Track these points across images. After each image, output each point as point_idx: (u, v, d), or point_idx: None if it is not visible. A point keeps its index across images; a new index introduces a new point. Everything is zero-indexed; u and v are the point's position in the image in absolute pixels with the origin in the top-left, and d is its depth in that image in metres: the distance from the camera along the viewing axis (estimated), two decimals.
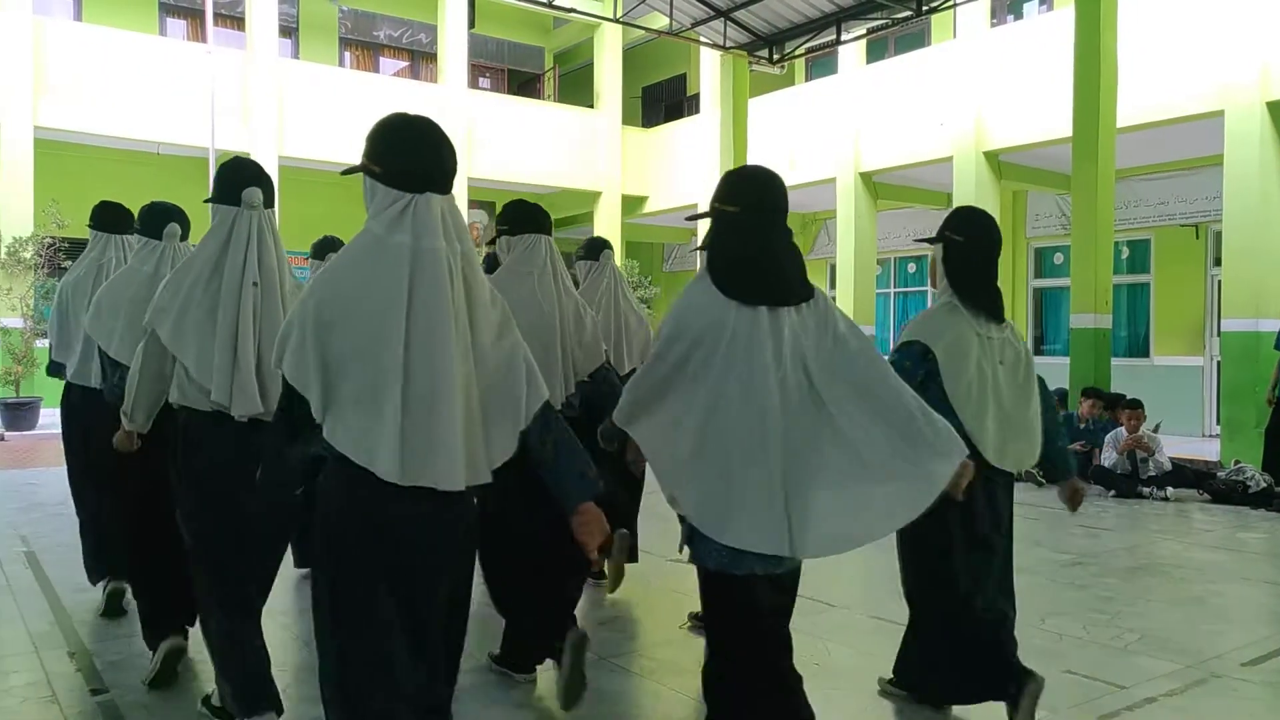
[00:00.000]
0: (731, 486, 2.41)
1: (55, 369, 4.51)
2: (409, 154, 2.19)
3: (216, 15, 15.16)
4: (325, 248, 5.32)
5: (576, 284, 4.76)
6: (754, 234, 2.55)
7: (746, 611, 2.51)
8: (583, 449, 2.35)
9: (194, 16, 16.54)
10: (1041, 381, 3.36)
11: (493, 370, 2.19)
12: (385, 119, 2.27)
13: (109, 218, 4.48)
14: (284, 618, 4.46)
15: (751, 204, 2.58)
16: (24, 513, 7.00)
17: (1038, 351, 15.03)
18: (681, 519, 2.53)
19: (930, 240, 3.38)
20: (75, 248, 12.88)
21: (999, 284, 3.32)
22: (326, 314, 2.06)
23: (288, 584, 5.17)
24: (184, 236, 3.75)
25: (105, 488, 4.11)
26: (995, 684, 3.19)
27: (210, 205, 3.07)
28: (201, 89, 14.36)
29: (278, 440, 2.25)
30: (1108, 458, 8.35)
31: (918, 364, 3.15)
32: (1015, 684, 3.11)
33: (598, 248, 4.97)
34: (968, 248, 3.28)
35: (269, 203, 3.11)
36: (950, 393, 3.11)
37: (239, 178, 3.05)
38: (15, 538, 6.22)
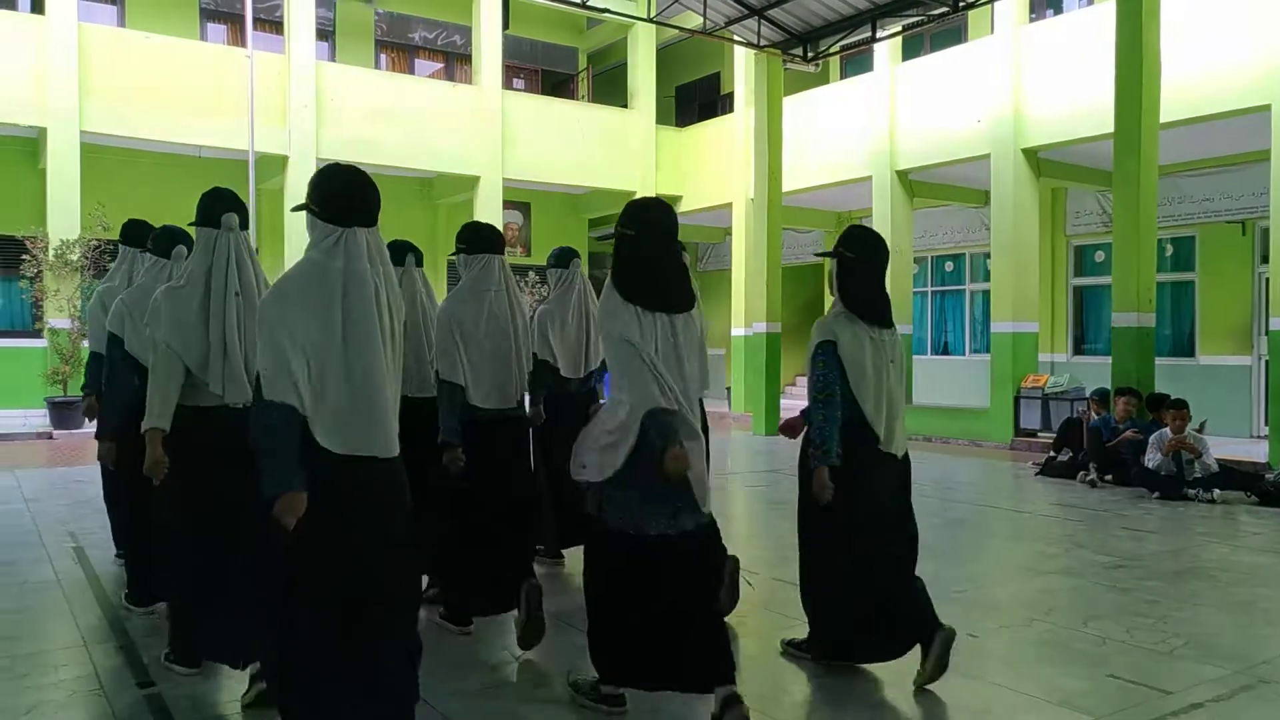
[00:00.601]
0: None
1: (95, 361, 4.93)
2: (339, 195, 2.74)
3: (256, 20, 15.36)
4: None
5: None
6: (649, 253, 3.20)
7: (637, 565, 3.10)
8: None
9: (234, 21, 16.76)
10: None
11: (400, 361, 2.83)
12: (321, 170, 2.83)
13: (136, 234, 4.90)
14: None
15: (647, 228, 3.22)
16: (72, 509, 7.16)
17: (1078, 351, 14.85)
18: (588, 486, 3.17)
19: (828, 254, 3.82)
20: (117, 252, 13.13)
21: (888, 292, 3.83)
22: (282, 327, 2.57)
23: None
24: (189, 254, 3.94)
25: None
26: (888, 646, 3.62)
27: (195, 229, 3.58)
28: (241, 92, 14.57)
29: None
30: (1152, 459, 8.20)
31: (832, 358, 3.60)
32: (920, 638, 3.53)
33: (567, 257, 5.42)
34: (858, 262, 3.74)
35: (244, 225, 3.61)
36: (853, 386, 3.58)
37: (218, 206, 3.57)
38: (64, 534, 6.36)
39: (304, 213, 2.79)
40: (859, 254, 3.74)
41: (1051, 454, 9.77)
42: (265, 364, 2.57)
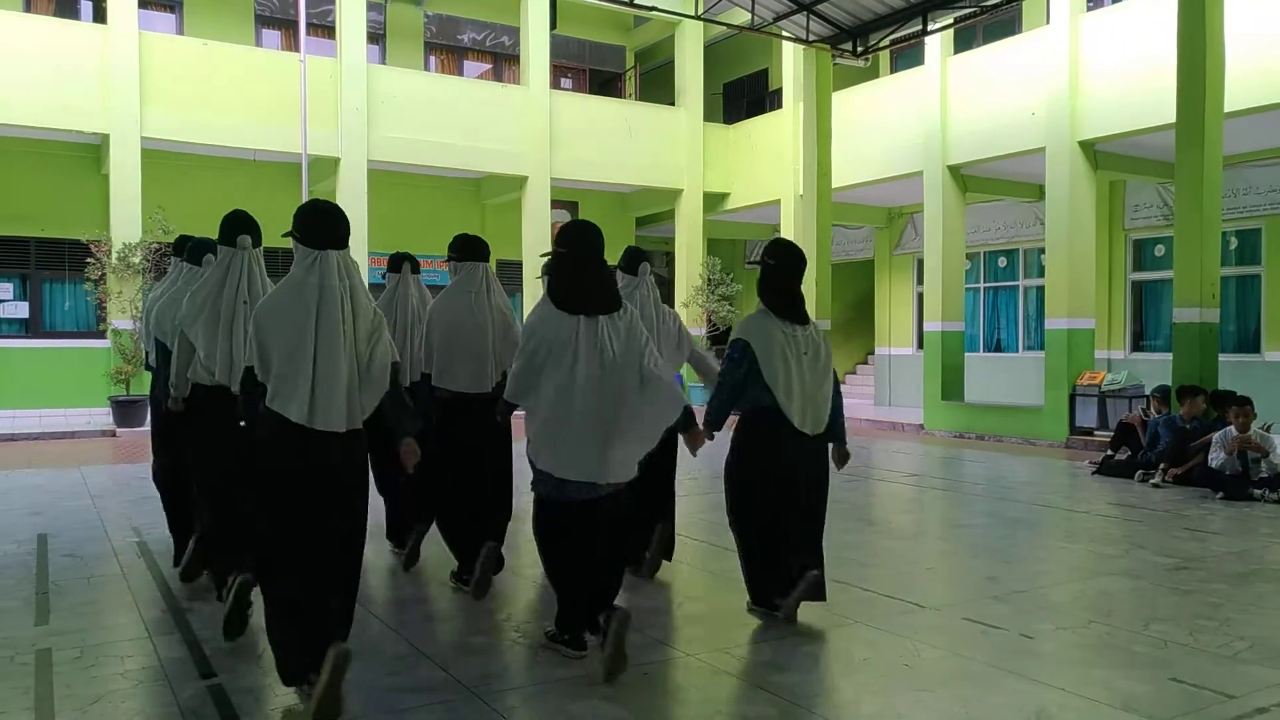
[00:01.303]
0: (564, 437, 3.72)
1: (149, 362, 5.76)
2: (315, 226, 3.47)
3: (308, 25, 15.61)
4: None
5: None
6: (575, 268, 3.92)
7: (563, 525, 3.82)
8: (408, 402, 3.70)
9: (287, 27, 17.07)
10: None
11: (366, 360, 3.47)
12: (302, 205, 3.55)
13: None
14: (373, 606, 4.58)
15: (575, 247, 3.96)
16: (135, 505, 7.35)
17: (1136, 348, 14.54)
18: (532, 463, 3.86)
19: (756, 264, 4.46)
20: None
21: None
22: (269, 327, 3.36)
23: (380, 577, 5.33)
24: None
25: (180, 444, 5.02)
26: (804, 593, 4.29)
27: (219, 246, 4.47)
28: (294, 96, 14.83)
29: (249, 402, 3.45)
30: (1215, 458, 7.99)
31: (742, 356, 4.32)
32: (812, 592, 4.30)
33: (635, 258, 6.02)
34: (778, 269, 4.46)
35: (256, 244, 4.48)
36: (765, 376, 4.26)
37: (235, 228, 4.43)
38: (128, 529, 6.54)
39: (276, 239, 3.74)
40: (779, 262, 4.47)
41: (1109, 452, 9.57)
42: (249, 357, 3.43)
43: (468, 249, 5.07)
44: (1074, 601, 4.82)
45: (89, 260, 13.56)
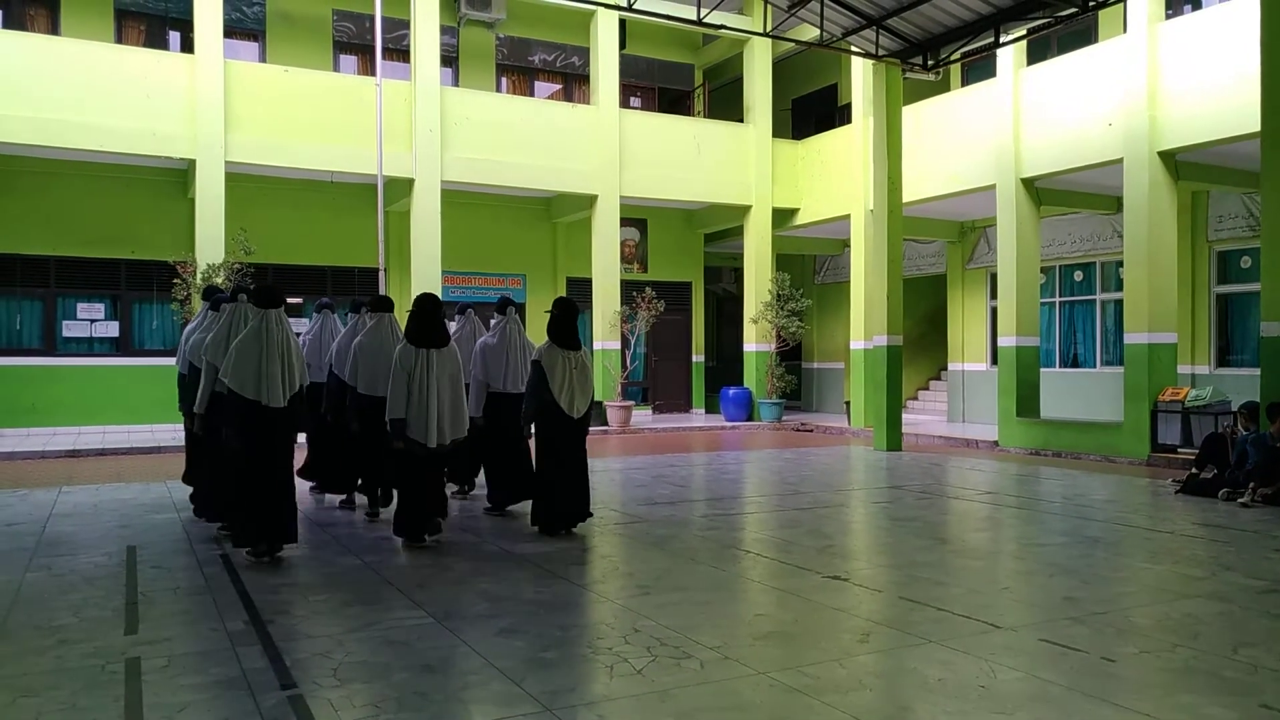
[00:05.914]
0: (420, 418, 6.58)
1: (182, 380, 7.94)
2: (263, 298, 6.14)
3: (384, 49, 16.02)
4: (319, 306, 9.26)
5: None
6: (422, 319, 6.68)
7: (411, 462, 6.61)
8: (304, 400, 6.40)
9: (364, 52, 17.54)
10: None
11: (294, 371, 6.15)
12: (253, 288, 6.45)
13: (210, 295, 7.97)
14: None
15: (421, 308, 6.72)
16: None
17: (1222, 363, 14.08)
18: (391, 423, 6.59)
19: (549, 311, 7.18)
20: (259, 274, 13.97)
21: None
22: (236, 351, 6.04)
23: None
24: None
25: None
26: (568, 520, 7.05)
27: (224, 302, 7.03)
28: (370, 119, 15.23)
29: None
30: None
31: (537, 371, 6.90)
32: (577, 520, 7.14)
33: (504, 305, 8.31)
34: (559, 318, 7.06)
35: (250, 299, 6.46)
36: (550, 383, 6.84)
37: (234, 291, 6.92)
38: (211, 541, 6.76)
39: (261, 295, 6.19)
40: (560, 312, 7.08)
41: (1194, 470, 9.25)
42: (225, 367, 6.10)
43: (379, 305, 7.85)
44: (1157, 624, 4.68)
45: (175, 281, 14.08)
